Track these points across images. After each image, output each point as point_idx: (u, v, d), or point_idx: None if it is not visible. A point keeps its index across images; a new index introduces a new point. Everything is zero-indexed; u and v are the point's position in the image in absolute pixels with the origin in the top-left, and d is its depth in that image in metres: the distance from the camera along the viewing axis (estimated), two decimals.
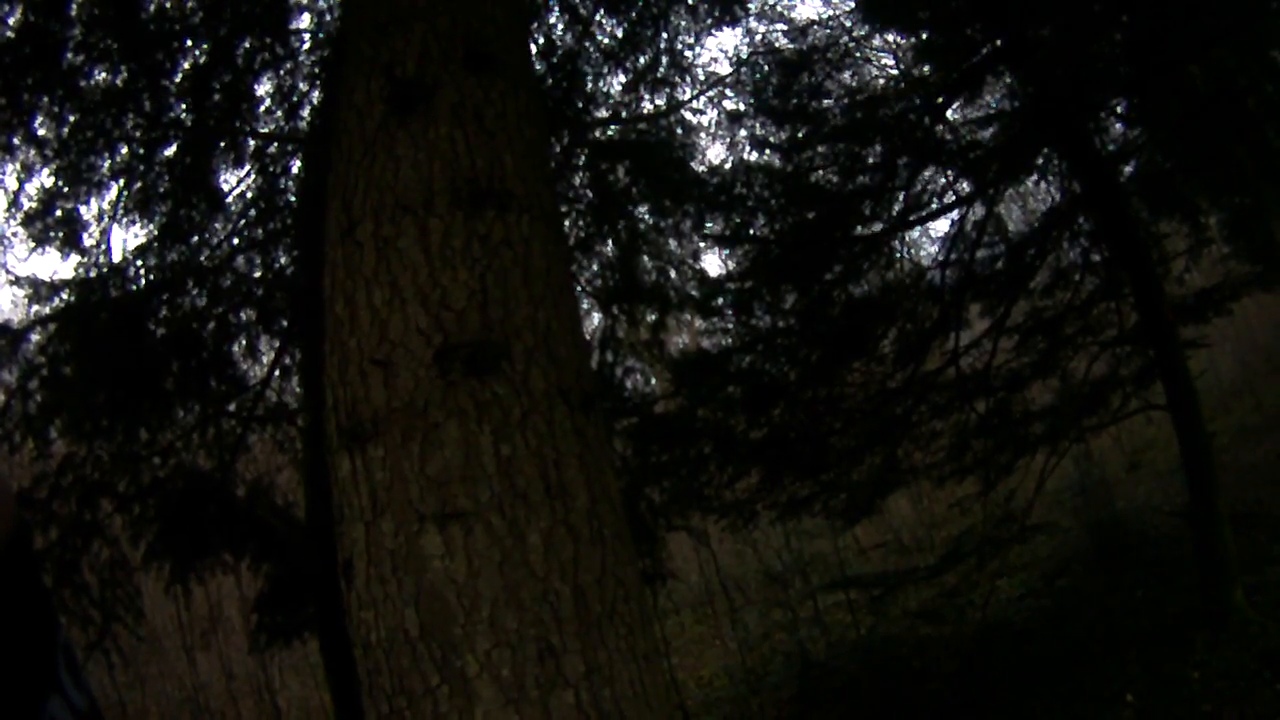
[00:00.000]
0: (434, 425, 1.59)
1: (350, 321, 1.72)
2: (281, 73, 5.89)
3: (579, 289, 5.05)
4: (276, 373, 5.32)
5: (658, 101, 5.30)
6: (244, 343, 5.22)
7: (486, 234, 1.74)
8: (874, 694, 6.02)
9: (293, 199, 5.51)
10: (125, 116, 5.58)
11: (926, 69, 5.92)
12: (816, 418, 5.02)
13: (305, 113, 5.70)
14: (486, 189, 1.77)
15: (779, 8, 5.75)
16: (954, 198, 5.44)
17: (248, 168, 5.62)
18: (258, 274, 5.34)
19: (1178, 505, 7.19)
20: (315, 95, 5.83)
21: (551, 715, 1.51)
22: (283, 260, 5.32)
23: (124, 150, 5.73)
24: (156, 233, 5.63)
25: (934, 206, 5.39)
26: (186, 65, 5.53)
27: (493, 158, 1.83)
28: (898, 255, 5.28)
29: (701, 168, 5.29)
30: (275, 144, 5.58)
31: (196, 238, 5.48)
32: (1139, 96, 6.78)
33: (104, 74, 5.35)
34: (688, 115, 5.38)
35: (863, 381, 5.15)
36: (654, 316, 5.10)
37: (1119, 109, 6.56)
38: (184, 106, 5.67)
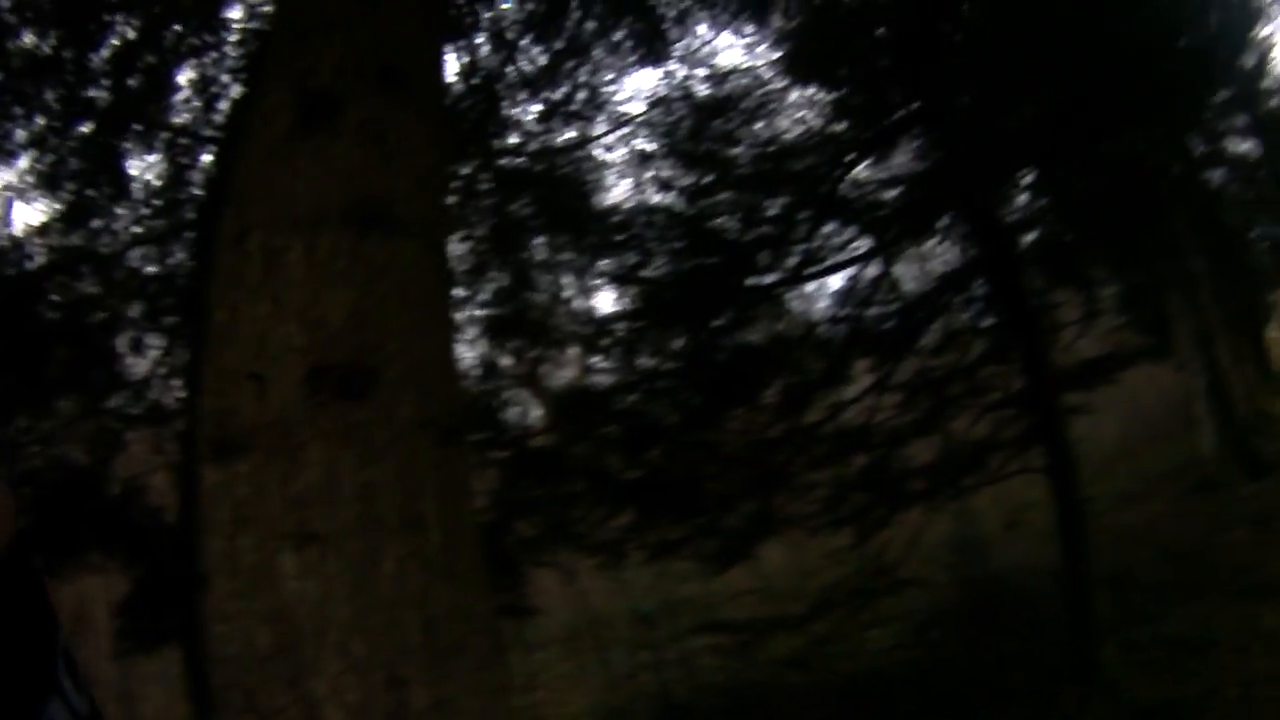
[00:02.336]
0: (299, 445, 1.58)
1: (231, 331, 1.70)
2: (206, 62, 5.79)
3: (466, 314, 5.08)
4: (162, 371, 5.24)
5: (570, 134, 5.37)
6: (130, 337, 5.14)
7: (371, 257, 1.74)
8: None
9: (197, 193, 5.43)
10: (47, 87, 5.45)
11: (841, 126, 6.07)
12: (694, 462, 5.13)
13: (223, 106, 5.63)
14: (378, 212, 1.77)
15: (702, 52, 5.80)
16: (852, 255, 5.60)
17: (158, 156, 5.53)
18: (152, 269, 5.26)
19: (1051, 566, 7.45)
20: (235, 90, 5.76)
21: None
22: (179, 257, 5.25)
23: (41, 121, 5.59)
24: (61, 210, 5.51)
25: (831, 262, 5.54)
26: (115, 42, 5.43)
27: (389, 181, 1.83)
28: (790, 307, 5.42)
29: (605, 205, 5.39)
30: (188, 137, 5.51)
31: (99, 222, 5.38)
32: (1049, 170, 7.00)
33: (33, 37, 5.23)
34: (597, 151, 5.45)
35: (743, 429, 5.26)
36: (537, 351, 5.15)
37: (1026, 180, 6.80)
38: (105, 85, 5.56)
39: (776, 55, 6.21)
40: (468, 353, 4.93)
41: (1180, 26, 5.95)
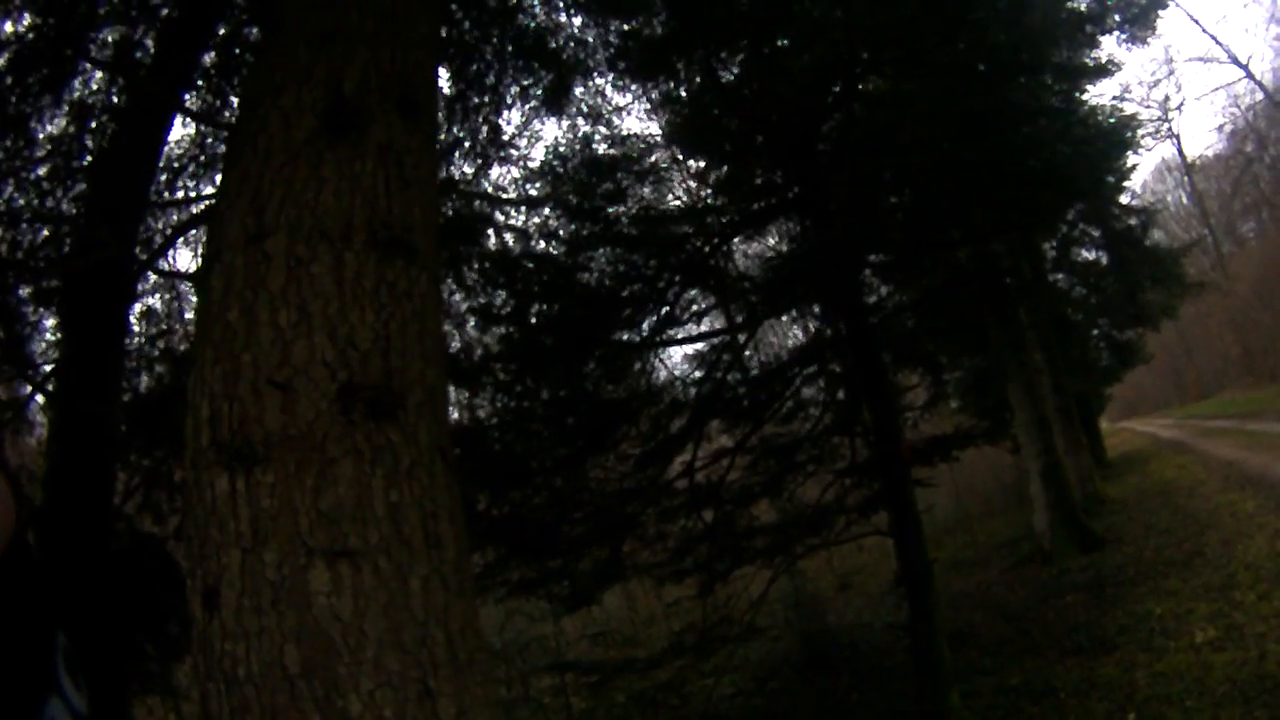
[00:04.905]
0: (330, 460, 1.61)
1: (247, 334, 1.68)
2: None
3: None
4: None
5: (466, 170, 5.54)
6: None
7: (394, 282, 1.78)
8: None
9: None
10: None
11: (721, 200, 6.50)
12: (554, 505, 5.30)
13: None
14: (399, 238, 1.80)
15: (605, 110, 6.12)
16: (715, 324, 5.96)
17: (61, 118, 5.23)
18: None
19: (897, 620, 7.88)
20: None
21: None
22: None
23: None
24: None
25: (699, 330, 5.88)
26: None
27: (407, 207, 1.85)
28: (655, 365, 5.71)
29: (489, 244, 5.56)
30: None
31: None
32: (909, 261, 7.60)
33: None
34: (487, 189, 5.63)
35: (603, 477, 5.49)
36: None
37: (883, 268, 7.40)
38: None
39: (672, 126, 6.63)
40: None
41: (1048, 146, 6.49)
